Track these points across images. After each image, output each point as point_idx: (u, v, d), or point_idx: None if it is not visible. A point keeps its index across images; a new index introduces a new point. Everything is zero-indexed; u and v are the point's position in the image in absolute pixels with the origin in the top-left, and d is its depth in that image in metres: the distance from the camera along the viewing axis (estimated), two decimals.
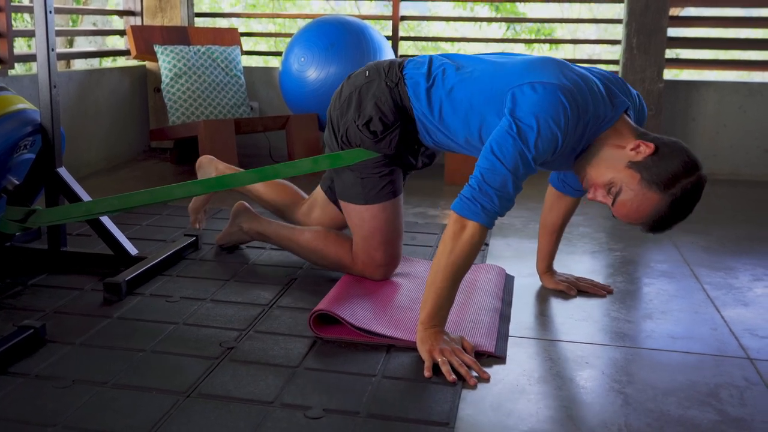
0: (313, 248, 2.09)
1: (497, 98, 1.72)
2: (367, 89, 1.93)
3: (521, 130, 1.61)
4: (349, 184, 1.98)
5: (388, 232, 2.00)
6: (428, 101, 1.86)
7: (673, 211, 1.64)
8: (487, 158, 1.63)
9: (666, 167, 1.62)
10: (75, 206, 2.10)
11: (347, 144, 1.96)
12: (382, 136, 1.91)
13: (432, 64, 1.91)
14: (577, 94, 1.64)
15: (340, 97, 1.99)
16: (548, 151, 1.63)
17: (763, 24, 4.16)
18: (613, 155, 1.68)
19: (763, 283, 2.22)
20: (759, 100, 3.92)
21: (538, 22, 4.61)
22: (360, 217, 1.98)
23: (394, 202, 1.99)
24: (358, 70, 2.02)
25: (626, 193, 1.66)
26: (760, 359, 1.68)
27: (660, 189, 1.62)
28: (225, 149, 3.46)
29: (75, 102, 3.59)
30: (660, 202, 1.63)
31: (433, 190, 3.39)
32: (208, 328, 1.77)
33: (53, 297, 1.95)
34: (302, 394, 1.45)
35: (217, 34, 4.19)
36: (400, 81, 1.90)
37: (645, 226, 1.70)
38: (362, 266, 2.02)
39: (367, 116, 1.91)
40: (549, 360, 1.66)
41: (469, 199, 1.63)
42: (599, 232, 2.76)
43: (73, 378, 1.49)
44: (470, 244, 1.61)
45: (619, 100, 1.73)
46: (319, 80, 3.63)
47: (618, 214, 1.71)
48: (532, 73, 1.69)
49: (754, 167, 3.97)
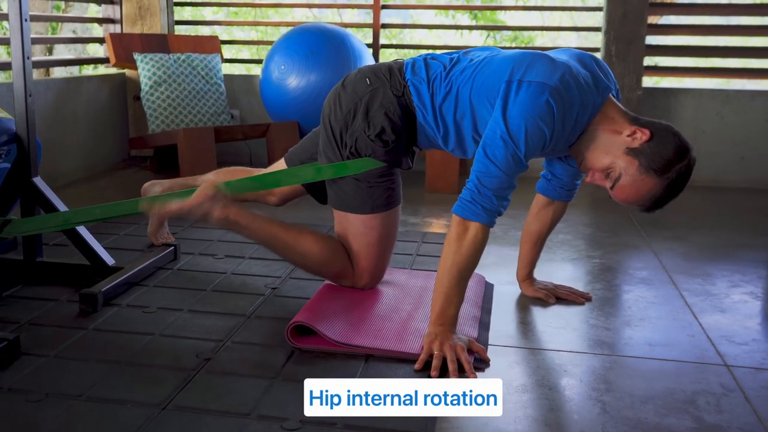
0: (317, 259, 1.94)
1: (488, 94, 1.77)
2: (372, 98, 1.89)
3: (511, 132, 1.67)
4: (351, 193, 1.93)
5: (390, 240, 2.00)
6: (432, 106, 1.87)
7: (669, 192, 1.75)
8: (481, 162, 1.70)
9: (661, 153, 1.71)
10: (53, 216, 2.08)
11: (356, 155, 1.91)
12: (393, 146, 1.90)
13: (429, 68, 1.90)
14: (563, 92, 1.68)
15: (340, 107, 1.92)
16: (537, 147, 1.70)
17: (740, 32, 4.20)
18: (610, 141, 1.75)
19: (740, 289, 2.24)
20: (736, 107, 3.96)
21: (519, 30, 4.64)
22: (365, 225, 1.94)
23: (396, 211, 1.99)
24: (354, 76, 1.96)
25: (625, 179, 1.74)
26: (736, 366, 1.69)
27: (657, 174, 1.71)
28: (205, 157, 3.44)
29: (53, 110, 3.56)
30: (657, 185, 1.73)
31: (413, 198, 3.39)
32: (185, 339, 1.76)
33: (28, 308, 1.92)
34: (279, 405, 1.44)
35: (197, 42, 4.18)
36: (406, 88, 1.89)
37: (642, 207, 1.80)
38: (359, 275, 1.99)
39: (379, 127, 1.87)
40: (528, 368, 1.66)
41: (470, 201, 1.69)
42: (578, 239, 2.77)
43: (46, 391, 1.47)
44: (474, 244, 1.69)
45: (603, 85, 1.78)
46: (300, 88, 3.63)
47: (617, 198, 1.79)
48: (520, 70, 1.72)
49: (732, 174, 4.00)
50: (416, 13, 9.38)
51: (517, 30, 4.55)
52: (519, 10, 4.08)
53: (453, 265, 1.68)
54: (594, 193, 3.70)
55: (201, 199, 1.87)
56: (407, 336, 1.75)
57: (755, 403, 1.51)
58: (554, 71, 1.70)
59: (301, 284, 2.16)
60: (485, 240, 1.71)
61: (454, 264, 1.68)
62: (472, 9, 8.11)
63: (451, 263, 1.68)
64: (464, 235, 1.68)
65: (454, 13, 8.35)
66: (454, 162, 3.57)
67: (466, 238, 1.68)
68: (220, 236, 2.64)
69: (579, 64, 1.79)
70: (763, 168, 3.97)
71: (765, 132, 3.96)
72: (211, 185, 1.91)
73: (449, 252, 1.69)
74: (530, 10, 3.97)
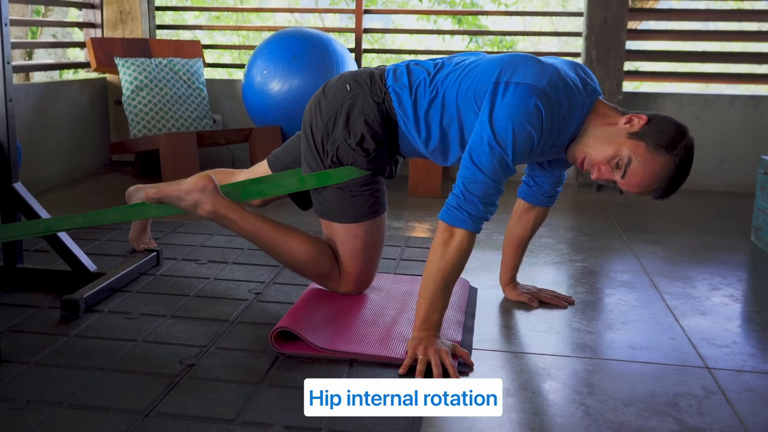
0: (304, 258, 1.93)
1: (476, 97, 1.75)
2: (353, 105, 1.87)
3: (497, 136, 1.65)
4: (335, 202, 1.92)
5: (376, 247, 1.99)
6: (414, 112, 1.86)
7: (680, 171, 1.71)
8: (467, 168, 1.68)
9: (665, 132, 1.70)
10: (34, 223, 2.06)
11: (338, 163, 1.90)
12: (374, 154, 1.88)
13: (411, 75, 1.89)
14: (552, 94, 1.67)
15: (320, 114, 1.90)
16: (525, 151, 1.68)
17: (719, 37, 4.25)
18: (608, 132, 1.74)
19: (720, 292, 2.26)
20: (715, 111, 4.01)
21: (500, 34, 4.66)
22: (350, 233, 1.93)
23: (381, 218, 1.98)
24: (335, 83, 1.95)
25: (636, 162, 1.70)
26: (717, 368, 1.71)
27: (666, 151, 1.69)
28: (187, 162, 3.43)
29: (33, 115, 3.52)
30: (668, 163, 1.70)
31: (396, 203, 3.40)
32: (168, 345, 1.75)
33: (9, 315, 1.90)
34: (263, 411, 1.44)
35: (179, 46, 4.16)
36: (386, 95, 1.88)
37: (658, 191, 1.74)
38: (345, 280, 1.99)
39: (359, 135, 1.86)
40: (512, 372, 1.67)
41: (456, 208, 1.68)
42: (561, 243, 2.79)
43: (27, 398, 1.46)
44: (459, 251, 1.68)
45: (591, 88, 1.79)
46: (282, 92, 3.62)
47: (630, 186, 1.73)
48: (508, 71, 1.71)
49: (712, 177, 4.05)
50: (398, 18, 9.40)
51: (498, 35, 4.56)
52: (501, 15, 4.09)
53: (438, 271, 1.68)
54: (576, 197, 3.73)
55: (193, 188, 1.91)
56: (391, 341, 1.75)
57: (736, 405, 1.53)
58: (543, 73, 1.70)
59: (285, 289, 2.15)
60: (470, 247, 1.70)
61: (439, 270, 1.68)
62: (454, 14, 8.15)
63: (436, 269, 1.68)
64: (450, 241, 1.68)
65: (436, 18, 8.39)
66: (437, 167, 3.58)
67: (452, 244, 1.68)
68: (203, 241, 2.63)
69: (567, 68, 1.80)
70: (741, 171, 4.01)
71: (743, 136, 4.01)
72: (205, 176, 1.94)
73: (434, 258, 1.69)
74: (512, 15, 3.98)
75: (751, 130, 4.00)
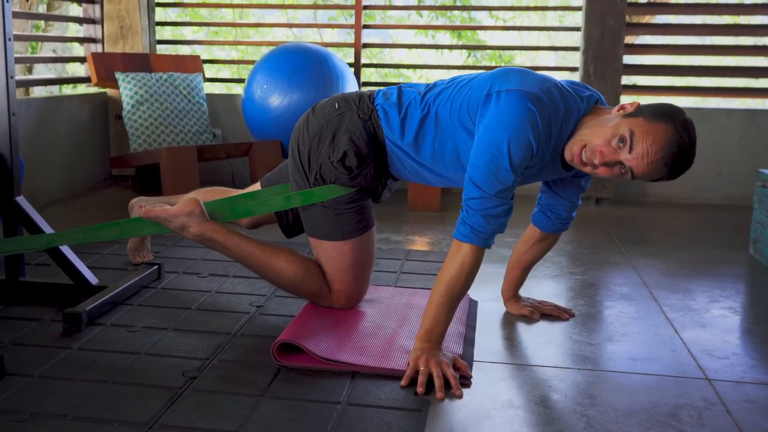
0: (292, 279, 1.95)
1: (470, 111, 1.75)
2: (339, 122, 1.89)
3: (493, 147, 1.65)
4: (321, 220, 1.93)
5: (366, 263, 1.99)
6: (401, 131, 1.86)
7: (685, 139, 1.63)
8: (466, 182, 1.70)
9: (659, 106, 1.66)
10: (36, 237, 2.07)
11: (321, 181, 1.90)
12: (357, 172, 1.88)
13: (402, 94, 1.91)
14: (544, 98, 1.67)
15: (307, 131, 1.92)
16: (525, 157, 1.66)
17: (715, 52, 4.28)
18: (604, 119, 1.71)
19: (719, 304, 2.27)
20: (712, 125, 4.03)
21: (499, 49, 4.69)
22: (338, 250, 1.94)
23: (369, 234, 1.98)
24: (324, 102, 1.97)
25: (638, 134, 1.62)
26: (717, 380, 1.71)
27: (666, 119, 1.63)
28: (187, 176, 3.44)
29: (34, 129, 3.54)
30: (671, 130, 1.62)
31: (396, 216, 3.41)
32: (171, 357, 1.75)
33: (11, 328, 1.91)
34: (266, 423, 1.44)
35: (179, 61, 4.19)
36: (373, 112, 1.89)
37: (667, 166, 1.65)
38: (335, 297, 2.00)
39: (342, 151, 1.86)
40: (513, 384, 1.67)
41: (461, 223, 1.71)
42: (560, 256, 2.80)
43: (31, 411, 1.46)
44: (463, 264, 1.69)
45: (588, 94, 1.79)
46: (282, 107, 3.64)
47: (638, 157, 1.63)
48: (498, 82, 1.72)
49: (709, 191, 4.07)
50: (396, 33, 9.46)
51: (496, 49, 4.60)
52: (498, 30, 4.13)
53: (443, 283, 1.70)
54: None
55: (180, 211, 1.93)
56: (393, 353, 1.76)
57: (737, 416, 1.54)
58: (534, 81, 1.71)
59: (286, 302, 2.16)
60: (476, 261, 1.70)
61: (444, 283, 1.70)
62: (452, 29, 8.20)
63: (442, 282, 1.70)
64: (456, 255, 1.70)
65: (434, 33, 8.44)
66: None
67: (457, 259, 1.69)
68: (204, 255, 2.64)
69: (563, 81, 1.81)
70: (738, 185, 4.04)
71: (740, 149, 4.04)
72: (192, 200, 1.95)
73: (442, 271, 1.71)
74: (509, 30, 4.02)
75: (748, 143, 4.03)
